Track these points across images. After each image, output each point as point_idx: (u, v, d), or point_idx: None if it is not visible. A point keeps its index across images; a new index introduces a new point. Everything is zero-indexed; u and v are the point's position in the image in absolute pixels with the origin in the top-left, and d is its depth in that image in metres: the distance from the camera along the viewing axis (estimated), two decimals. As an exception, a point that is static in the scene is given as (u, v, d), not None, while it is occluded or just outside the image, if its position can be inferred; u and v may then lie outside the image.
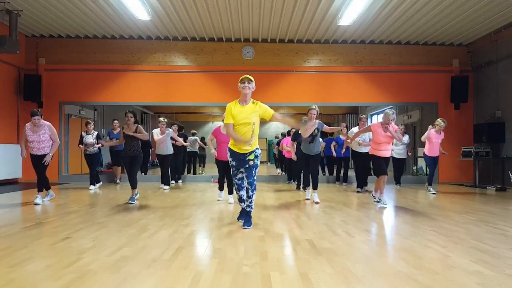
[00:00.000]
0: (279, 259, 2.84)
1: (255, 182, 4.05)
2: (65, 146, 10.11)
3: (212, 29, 9.33)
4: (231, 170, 4.12)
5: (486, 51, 9.68)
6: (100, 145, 7.99)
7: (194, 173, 11.11)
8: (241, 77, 3.92)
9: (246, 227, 3.95)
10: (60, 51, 9.98)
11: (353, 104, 11.41)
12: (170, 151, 8.01)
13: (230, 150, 4.08)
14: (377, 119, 12.75)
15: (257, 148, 4.03)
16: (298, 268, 2.63)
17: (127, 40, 10.10)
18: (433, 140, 7.32)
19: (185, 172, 10.64)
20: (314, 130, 5.80)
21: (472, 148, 9.12)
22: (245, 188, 4.07)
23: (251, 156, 3.97)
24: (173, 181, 9.10)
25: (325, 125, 6.05)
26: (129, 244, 3.25)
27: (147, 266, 2.64)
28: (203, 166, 11.91)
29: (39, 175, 5.80)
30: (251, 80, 3.90)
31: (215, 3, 7.79)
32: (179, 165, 9.28)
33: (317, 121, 5.93)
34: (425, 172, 11.07)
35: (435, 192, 7.41)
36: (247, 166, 4.00)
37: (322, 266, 2.68)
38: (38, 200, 5.70)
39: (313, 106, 5.83)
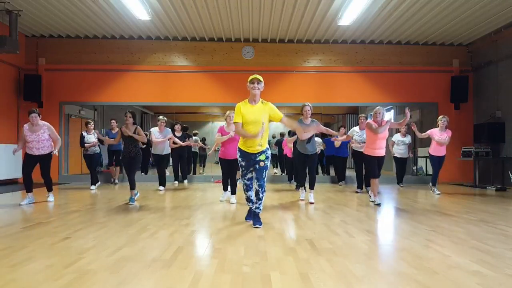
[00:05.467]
0: (279, 259, 2.83)
1: (265, 184, 4.06)
2: (65, 146, 10.10)
3: (212, 29, 9.33)
4: (241, 170, 4.11)
5: (486, 51, 9.67)
6: (98, 143, 8.00)
7: (194, 173, 11.11)
8: (250, 77, 3.95)
9: (258, 226, 4.00)
10: (60, 51, 9.98)
11: (353, 104, 11.41)
12: (167, 151, 7.92)
13: (240, 150, 4.08)
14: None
15: (267, 149, 4.06)
16: (298, 268, 2.63)
17: (127, 40, 10.10)
18: (436, 138, 7.18)
19: (191, 172, 10.68)
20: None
21: (472, 148, 9.12)
22: (253, 189, 4.10)
23: (262, 157, 3.99)
24: (175, 182, 9.00)
25: (320, 126, 5.64)
26: (129, 244, 3.25)
27: (147, 266, 2.64)
28: (203, 166, 11.92)
29: (44, 177, 5.90)
30: (260, 81, 3.94)
31: (215, 3, 7.79)
32: (184, 166, 9.19)
33: (311, 119, 5.77)
34: (425, 172, 11.08)
35: (439, 192, 7.31)
36: (257, 167, 4.00)
37: (322, 266, 2.68)
38: (50, 198, 5.99)
39: (306, 103, 5.81)
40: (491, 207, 5.65)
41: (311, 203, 5.90)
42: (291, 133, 9.24)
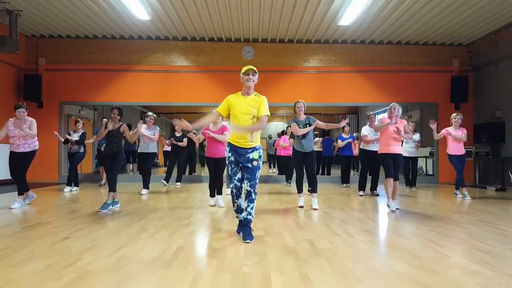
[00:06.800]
0: (279, 259, 2.83)
1: (256, 185, 3.54)
2: (65, 146, 10.09)
3: (212, 29, 9.33)
4: (229, 168, 3.58)
5: (486, 51, 9.68)
6: (77, 145, 7.45)
7: (190, 173, 11.05)
8: (245, 68, 3.59)
9: (248, 241, 3.36)
10: (60, 51, 9.98)
11: (353, 104, 11.39)
12: (153, 149, 7.37)
13: (230, 144, 3.61)
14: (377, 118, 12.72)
15: (259, 147, 3.60)
16: (298, 268, 2.63)
17: (127, 40, 10.10)
18: (453, 134, 6.72)
19: (192, 172, 10.66)
20: (305, 125, 5.48)
21: (472, 148, 9.12)
22: (242, 196, 3.61)
23: (255, 155, 3.52)
24: (178, 183, 8.85)
25: (318, 121, 5.54)
26: (129, 244, 3.25)
27: (147, 266, 2.64)
28: (203, 166, 11.91)
29: (18, 176, 5.41)
30: (255, 72, 3.59)
31: (215, 3, 7.79)
32: (180, 167, 8.93)
33: (306, 117, 5.57)
34: (425, 172, 11.07)
35: (470, 197, 6.62)
36: (249, 166, 3.51)
37: (322, 266, 2.67)
38: (15, 205, 5.29)
39: (299, 100, 5.56)
40: (491, 207, 5.64)
41: (315, 209, 5.27)
42: (283, 134, 9.25)
